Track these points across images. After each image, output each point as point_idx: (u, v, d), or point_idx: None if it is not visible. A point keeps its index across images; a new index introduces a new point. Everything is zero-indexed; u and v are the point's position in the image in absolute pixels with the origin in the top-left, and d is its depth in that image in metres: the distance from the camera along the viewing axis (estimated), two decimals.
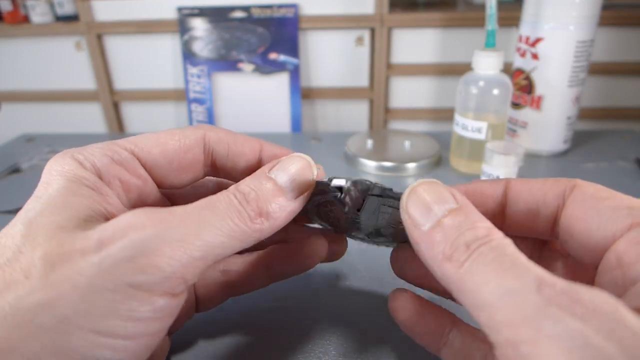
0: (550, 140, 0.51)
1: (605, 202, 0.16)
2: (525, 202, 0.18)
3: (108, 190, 0.18)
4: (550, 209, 0.18)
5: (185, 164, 0.21)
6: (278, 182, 0.19)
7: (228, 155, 0.22)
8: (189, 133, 0.21)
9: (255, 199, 0.18)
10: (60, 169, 0.18)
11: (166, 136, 0.21)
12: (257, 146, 0.22)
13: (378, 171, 0.49)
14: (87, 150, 0.19)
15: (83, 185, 0.18)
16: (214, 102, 0.65)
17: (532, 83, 0.50)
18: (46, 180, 0.18)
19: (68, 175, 0.18)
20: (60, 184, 0.17)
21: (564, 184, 0.18)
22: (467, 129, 0.46)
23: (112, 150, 0.19)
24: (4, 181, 0.49)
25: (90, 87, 0.68)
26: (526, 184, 0.19)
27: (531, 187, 0.18)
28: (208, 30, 0.62)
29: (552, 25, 0.46)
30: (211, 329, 0.26)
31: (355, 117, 0.68)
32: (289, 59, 0.62)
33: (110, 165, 0.19)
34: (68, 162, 0.18)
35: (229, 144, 0.22)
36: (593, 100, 0.64)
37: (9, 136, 0.67)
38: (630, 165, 0.49)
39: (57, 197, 0.17)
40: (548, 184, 0.18)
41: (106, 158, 0.19)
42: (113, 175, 0.19)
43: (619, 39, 0.60)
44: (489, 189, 0.19)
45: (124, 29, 0.63)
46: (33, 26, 0.64)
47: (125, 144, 0.20)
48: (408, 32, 0.62)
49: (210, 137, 0.21)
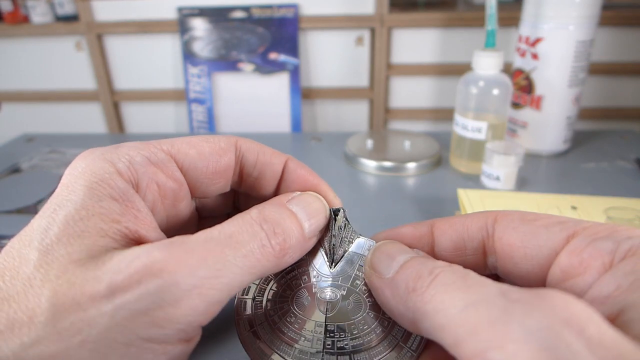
0: (550, 140, 0.51)
1: (535, 224, 0.16)
2: (450, 240, 0.19)
3: (138, 200, 0.17)
4: (475, 242, 0.18)
5: (220, 169, 0.20)
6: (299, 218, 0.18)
7: (256, 165, 0.21)
8: (222, 138, 0.20)
9: (282, 231, 0.17)
10: (87, 171, 0.16)
11: (200, 140, 0.20)
12: (284, 159, 0.22)
13: (378, 171, 0.49)
14: (120, 150, 0.18)
15: (108, 197, 0.16)
16: (214, 102, 0.65)
17: (532, 83, 0.50)
18: (67, 184, 0.16)
19: (93, 181, 0.16)
20: (80, 197, 0.16)
21: (485, 216, 0.18)
22: (467, 129, 0.46)
23: (149, 150, 0.18)
24: (4, 181, 0.49)
25: (90, 87, 0.68)
26: (448, 221, 0.19)
27: (453, 223, 0.19)
28: (208, 30, 0.62)
29: (552, 25, 0.46)
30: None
31: (355, 117, 0.69)
32: (289, 59, 0.62)
33: (147, 166, 0.18)
34: (98, 162, 0.17)
35: (258, 153, 0.21)
36: (593, 100, 0.64)
37: (9, 136, 0.67)
38: (630, 165, 0.49)
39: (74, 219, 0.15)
40: (469, 219, 0.18)
41: (143, 158, 0.18)
42: (150, 178, 0.18)
43: (619, 39, 0.60)
44: (415, 232, 0.19)
45: (124, 29, 0.63)
46: (33, 26, 0.64)
47: (162, 145, 0.19)
48: (408, 32, 0.62)
49: (242, 144, 0.21)
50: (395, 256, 0.17)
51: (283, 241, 0.17)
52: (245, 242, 0.16)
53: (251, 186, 0.22)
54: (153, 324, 0.14)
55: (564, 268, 0.15)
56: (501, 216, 0.18)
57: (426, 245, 0.19)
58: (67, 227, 0.15)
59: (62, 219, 0.15)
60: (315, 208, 0.20)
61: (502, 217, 0.18)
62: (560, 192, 0.42)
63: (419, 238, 0.19)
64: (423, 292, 0.15)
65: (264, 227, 0.17)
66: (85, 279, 0.14)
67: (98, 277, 0.14)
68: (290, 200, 0.19)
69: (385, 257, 0.18)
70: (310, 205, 0.19)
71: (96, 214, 0.15)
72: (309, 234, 0.19)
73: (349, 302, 0.20)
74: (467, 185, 0.45)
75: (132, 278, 0.14)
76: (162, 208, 0.19)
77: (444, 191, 0.44)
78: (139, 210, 0.17)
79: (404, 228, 0.20)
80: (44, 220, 0.15)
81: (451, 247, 0.19)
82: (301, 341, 0.19)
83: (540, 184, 0.45)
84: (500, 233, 0.17)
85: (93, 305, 0.14)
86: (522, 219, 0.17)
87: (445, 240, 0.19)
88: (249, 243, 0.16)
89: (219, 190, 0.21)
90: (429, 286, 0.15)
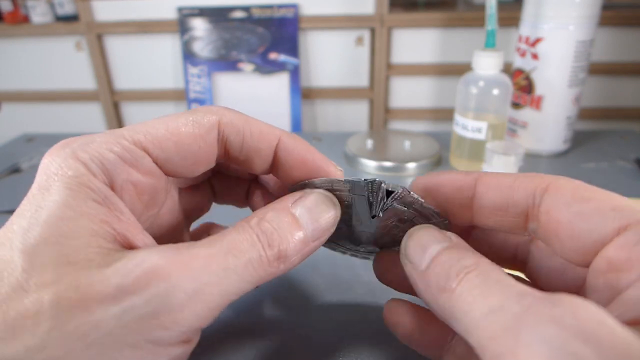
0: (550, 140, 0.51)
1: (589, 205, 0.16)
2: (493, 199, 0.18)
3: (118, 203, 0.16)
4: (520, 207, 0.17)
5: (200, 157, 0.19)
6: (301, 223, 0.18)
7: (242, 150, 0.20)
8: (202, 119, 0.18)
9: (278, 242, 0.17)
10: (61, 172, 0.16)
11: (179, 124, 0.18)
12: (274, 141, 0.20)
13: (378, 171, 0.49)
14: (92, 147, 0.16)
15: (90, 200, 0.15)
16: (214, 102, 0.65)
17: (532, 83, 0.50)
18: (44, 185, 0.15)
19: (72, 183, 0.15)
20: (62, 197, 0.15)
21: (535, 182, 0.17)
22: (467, 129, 0.46)
23: (121, 147, 0.17)
24: (4, 181, 0.49)
25: (90, 87, 0.68)
26: (495, 178, 0.18)
27: (500, 183, 0.18)
28: (208, 30, 0.62)
29: (552, 25, 0.46)
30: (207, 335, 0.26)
31: (355, 117, 0.68)
32: (289, 59, 0.62)
33: (121, 166, 0.17)
34: (71, 163, 0.16)
35: (244, 136, 0.20)
36: (593, 100, 0.64)
37: (9, 136, 0.67)
38: (630, 165, 0.49)
39: (61, 219, 0.15)
40: (518, 181, 0.17)
41: (115, 157, 0.17)
42: (125, 179, 0.17)
43: (619, 39, 0.60)
44: (457, 181, 0.19)
45: (124, 29, 0.63)
46: (33, 26, 0.64)
47: (134, 136, 0.17)
48: (408, 32, 0.62)
49: (226, 125, 0.19)
50: (427, 247, 0.17)
51: (278, 252, 0.17)
52: (245, 250, 0.16)
53: (240, 165, 0.21)
54: (159, 326, 0.14)
55: (610, 260, 0.15)
56: (553, 187, 0.17)
57: (466, 198, 0.18)
58: (52, 228, 0.14)
59: (45, 219, 0.15)
60: (322, 209, 0.19)
61: (554, 188, 0.16)
62: None
63: (459, 189, 0.18)
64: (450, 295, 0.15)
65: (260, 238, 0.17)
66: (91, 281, 0.14)
67: (104, 279, 0.14)
68: (295, 203, 0.19)
69: (418, 247, 0.17)
70: (317, 207, 0.19)
71: (84, 214, 0.15)
72: (313, 237, 0.18)
73: None
74: None
75: (140, 281, 0.14)
76: (141, 205, 0.18)
77: None
78: (122, 212, 0.16)
79: (447, 175, 0.19)
80: (24, 220, 0.15)
81: (492, 206, 0.18)
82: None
83: None
84: (548, 206, 0.16)
85: (100, 307, 0.14)
86: (575, 195, 0.16)
87: (487, 199, 0.18)
88: (248, 252, 0.16)
89: (199, 173, 0.20)
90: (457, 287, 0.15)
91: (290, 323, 0.26)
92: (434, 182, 0.19)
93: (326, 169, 0.21)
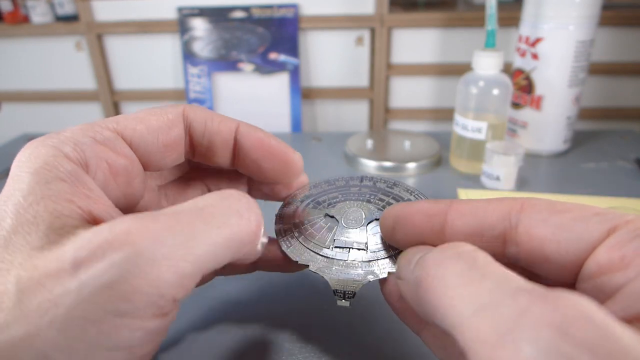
0: (550, 140, 0.51)
1: (568, 216, 0.15)
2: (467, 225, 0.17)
3: (88, 180, 0.17)
4: (496, 231, 0.17)
5: (170, 141, 0.20)
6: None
7: (204, 134, 0.21)
8: (169, 109, 0.20)
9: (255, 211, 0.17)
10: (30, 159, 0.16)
11: (146, 114, 0.20)
12: (234, 126, 0.22)
13: (378, 171, 0.49)
14: (65, 133, 0.17)
15: (55, 179, 0.16)
16: (214, 102, 0.65)
17: (532, 83, 0.50)
18: (14, 176, 0.16)
19: (38, 167, 0.16)
20: (27, 184, 0.15)
21: (509, 204, 0.17)
22: (467, 129, 0.46)
23: (94, 130, 0.18)
24: (4, 181, 0.49)
25: (90, 87, 0.68)
26: (468, 204, 0.18)
27: (473, 208, 0.17)
28: (208, 30, 0.62)
29: (552, 25, 0.46)
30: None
31: (355, 117, 0.68)
32: (289, 59, 0.62)
33: (94, 145, 0.17)
34: (40, 150, 0.16)
35: (205, 121, 0.21)
36: (593, 100, 0.64)
37: (9, 136, 0.67)
38: (630, 165, 0.49)
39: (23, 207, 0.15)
40: (491, 205, 0.17)
41: (89, 139, 0.17)
42: (100, 157, 0.18)
43: (619, 39, 0.60)
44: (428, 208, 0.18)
45: (124, 29, 0.63)
46: (33, 26, 0.64)
47: (107, 124, 0.19)
48: (408, 32, 0.62)
49: (189, 112, 0.21)
50: (412, 259, 0.17)
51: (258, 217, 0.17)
52: (219, 214, 0.16)
53: (204, 155, 0.22)
54: (120, 297, 0.13)
55: (601, 263, 0.14)
56: (528, 205, 0.16)
57: (437, 225, 0.18)
58: (19, 217, 0.15)
59: (12, 209, 0.15)
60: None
61: (528, 206, 0.16)
62: (560, 192, 0.42)
63: (429, 217, 0.18)
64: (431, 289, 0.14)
65: (242, 199, 0.17)
66: (48, 260, 0.14)
67: (61, 255, 0.14)
68: None
69: (405, 262, 0.17)
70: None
71: (45, 197, 0.15)
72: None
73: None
74: (467, 185, 0.45)
75: (97, 252, 0.13)
76: (116, 187, 0.19)
77: (444, 191, 0.44)
78: (91, 189, 0.16)
79: (417, 204, 0.19)
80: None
81: (466, 232, 0.17)
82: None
83: (540, 184, 0.45)
84: (527, 225, 0.16)
85: (58, 284, 0.13)
86: (552, 209, 0.16)
87: (460, 224, 0.17)
88: (225, 215, 0.16)
89: (173, 162, 0.21)
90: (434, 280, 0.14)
91: (291, 324, 0.26)
92: (404, 212, 0.19)
93: (285, 151, 0.22)
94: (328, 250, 0.21)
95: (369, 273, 0.20)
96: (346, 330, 0.26)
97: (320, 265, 0.20)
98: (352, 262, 0.20)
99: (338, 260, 0.21)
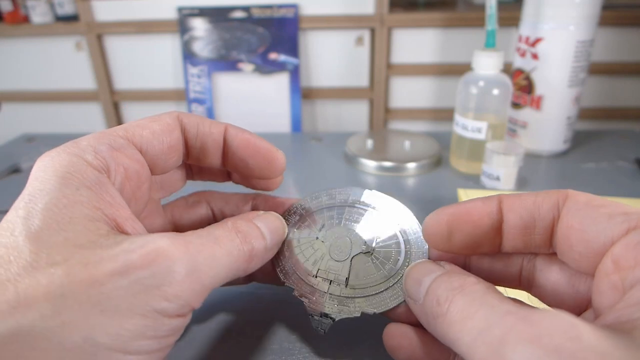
0: (550, 140, 0.51)
1: (600, 210, 0.16)
2: (520, 217, 0.18)
3: (110, 188, 0.18)
4: (546, 221, 0.18)
5: (173, 143, 0.22)
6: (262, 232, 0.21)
7: (197, 136, 0.23)
8: (166, 116, 0.22)
9: (250, 242, 0.20)
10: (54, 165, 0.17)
11: (147, 121, 0.21)
12: (222, 128, 0.23)
13: (378, 171, 0.49)
14: (82, 142, 0.18)
15: (84, 186, 0.17)
16: (214, 102, 0.65)
17: (532, 83, 0.50)
18: (38, 177, 0.17)
19: (65, 173, 0.17)
20: (55, 186, 0.16)
21: (556, 195, 0.18)
22: (467, 129, 0.46)
23: (109, 138, 0.19)
24: (4, 181, 0.49)
25: (90, 87, 0.68)
26: (519, 198, 0.19)
27: (524, 201, 0.18)
28: (208, 30, 0.62)
29: (552, 25, 0.46)
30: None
31: (355, 117, 0.69)
32: (289, 59, 0.62)
33: (112, 152, 0.19)
34: (64, 157, 0.18)
35: (197, 125, 0.23)
36: (593, 100, 0.64)
37: (9, 136, 0.67)
38: (630, 165, 0.49)
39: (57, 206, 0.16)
40: (541, 197, 0.18)
41: (106, 146, 0.19)
42: (118, 163, 0.19)
43: (619, 39, 0.60)
44: (482, 207, 0.19)
45: (124, 29, 0.63)
46: (33, 26, 0.64)
47: (117, 132, 0.20)
48: (408, 32, 0.62)
49: (183, 117, 0.22)
50: (421, 280, 0.18)
51: (251, 249, 0.20)
52: (227, 244, 0.19)
53: (197, 157, 0.24)
54: (163, 297, 0.16)
55: (616, 259, 0.15)
56: (571, 195, 0.17)
57: (495, 222, 0.19)
58: (51, 215, 0.16)
59: (42, 207, 0.16)
60: (276, 226, 0.23)
61: (572, 196, 0.17)
62: None
63: (487, 214, 0.19)
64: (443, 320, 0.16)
65: (238, 235, 0.20)
66: (99, 259, 0.15)
67: (112, 257, 0.16)
68: (256, 218, 0.22)
69: (414, 282, 0.19)
70: (271, 224, 0.22)
71: (78, 202, 0.16)
72: (270, 246, 0.22)
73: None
74: (467, 185, 0.45)
75: (146, 258, 0.16)
76: (130, 192, 0.20)
77: (444, 191, 0.44)
78: (113, 197, 0.18)
79: (471, 203, 0.19)
80: (21, 211, 0.16)
81: (520, 224, 0.18)
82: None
83: (540, 184, 0.45)
84: (564, 214, 0.17)
85: (111, 280, 0.15)
86: (589, 202, 0.17)
87: (513, 218, 0.18)
88: (230, 245, 0.19)
89: (174, 165, 0.23)
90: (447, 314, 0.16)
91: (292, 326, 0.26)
92: (460, 214, 0.19)
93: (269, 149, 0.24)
94: (312, 278, 0.23)
95: (342, 310, 0.21)
96: (346, 330, 0.26)
97: (303, 291, 0.23)
98: (330, 295, 0.22)
99: (320, 291, 0.22)
